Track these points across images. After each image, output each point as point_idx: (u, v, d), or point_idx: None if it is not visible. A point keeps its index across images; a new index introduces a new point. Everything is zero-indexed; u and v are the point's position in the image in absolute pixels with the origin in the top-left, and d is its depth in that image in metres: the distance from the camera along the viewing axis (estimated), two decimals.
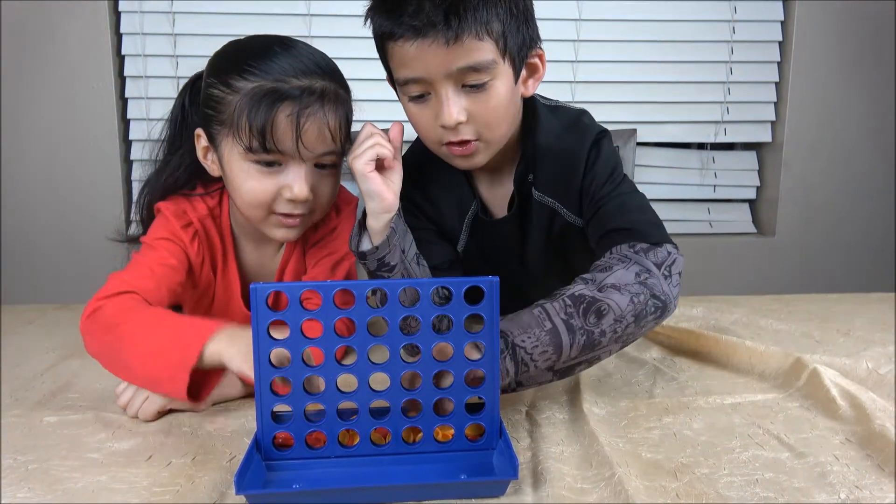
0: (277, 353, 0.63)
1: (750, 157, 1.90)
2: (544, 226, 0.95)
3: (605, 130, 0.93)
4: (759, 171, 1.90)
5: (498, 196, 0.96)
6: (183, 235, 0.90)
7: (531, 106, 0.92)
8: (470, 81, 0.80)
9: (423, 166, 0.93)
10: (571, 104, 0.98)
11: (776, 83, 1.82)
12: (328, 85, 0.85)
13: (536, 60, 0.88)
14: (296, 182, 0.84)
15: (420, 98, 0.83)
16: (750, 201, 1.93)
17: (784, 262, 1.87)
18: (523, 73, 0.86)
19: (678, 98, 1.80)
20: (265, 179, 0.85)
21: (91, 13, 1.62)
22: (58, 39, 1.63)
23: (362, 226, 0.84)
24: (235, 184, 0.87)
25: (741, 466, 0.65)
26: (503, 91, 0.82)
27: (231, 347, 0.72)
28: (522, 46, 0.83)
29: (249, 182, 0.85)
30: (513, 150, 0.93)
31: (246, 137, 0.82)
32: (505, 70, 0.82)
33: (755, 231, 1.91)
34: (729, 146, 1.92)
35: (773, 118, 1.83)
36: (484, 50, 0.78)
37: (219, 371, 0.77)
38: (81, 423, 0.75)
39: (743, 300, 1.23)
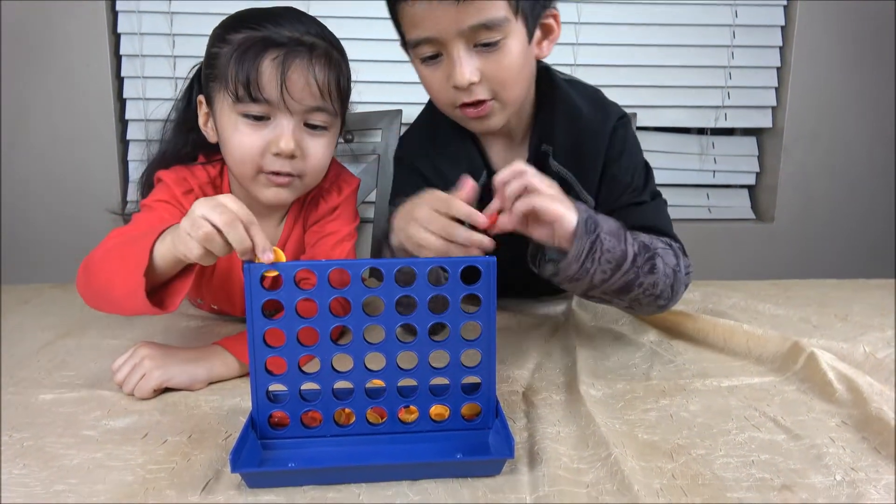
0: None
1: (750, 143, 1.89)
2: None
3: (626, 114, 0.93)
4: (759, 157, 1.89)
5: (509, 164, 0.95)
6: (184, 202, 0.90)
7: (548, 75, 0.90)
8: (482, 40, 0.78)
9: (432, 135, 0.92)
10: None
11: (778, 68, 1.80)
12: (320, 42, 0.85)
13: (551, 21, 0.86)
14: (282, 135, 0.84)
15: (432, 59, 0.81)
16: (749, 187, 1.93)
17: (782, 248, 1.86)
18: (537, 34, 0.84)
19: (678, 82, 1.79)
20: (253, 133, 0.85)
21: None
22: (54, 18, 1.61)
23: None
24: (224, 137, 0.87)
25: (737, 448, 0.65)
26: (516, 50, 0.80)
27: (174, 238, 0.70)
28: (536, 5, 0.82)
29: (237, 136, 0.85)
30: (528, 118, 0.91)
31: (233, 86, 0.82)
32: (518, 28, 0.80)
33: (754, 217, 1.90)
34: (729, 131, 1.91)
35: (774, 103, 1.82)
36: (496, 7, 0.77)
37: (187, 277, 0.75)
38: (77, 400, 0.74)
39: (741, 285, 1.23)
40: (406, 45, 0.85)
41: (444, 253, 0.68)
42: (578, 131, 0.90)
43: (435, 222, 0.68)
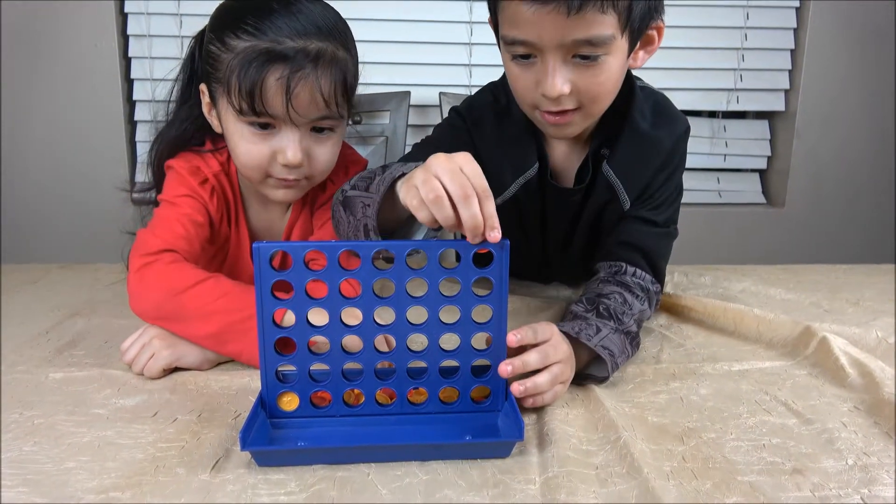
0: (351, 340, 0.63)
1: (762, 127, 1.87)
2: (601, 203, 0.92)
3: (689, 127, 0.93)
4: (771, 141, 1.87)
5: (570, 162, 0.93)
6: (202, 192, 0.89)
7: (628, 81, 0.87)
8: (582, 53, 0.75)
9: (501, 118, 0.91)
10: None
11: (791, 50, 1.78)
12: (325, 46, 0.81)
13: (654, 33, 0.83)
14: (289, 147, 0.83)
15: (524, 59, 0.78)
16: (760, 171, 1.91)
17: (793, 233, 1.85)
18: (637, 44, 0.81)
19: (690, 64, 1.77)
20: (259, 142, 0.83)
21: None
22: None
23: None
24: (231, 144, 0.86)
25: (748, 432, 0.64)
26: (614, 67, 0.77)
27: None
28: (644, 17, 0.78)
29: (244, 144, 0.84)
30: (597, 120, 0.89)
31: (236, 99, 0.80)
32: (621, 45, 0.77)
33: (765, 202, 1.89)
34: (741, 115, 1.89)
35: (788, 86, 1.79)
36: (605, 24, 0.73)
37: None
38: (87, 379, 0.75)
39: (751, 270, 1.22)
40: (497, 31, 0.81)
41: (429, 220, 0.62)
42: (640, 142, 0.88)
43: (457, 182, 0.60)
